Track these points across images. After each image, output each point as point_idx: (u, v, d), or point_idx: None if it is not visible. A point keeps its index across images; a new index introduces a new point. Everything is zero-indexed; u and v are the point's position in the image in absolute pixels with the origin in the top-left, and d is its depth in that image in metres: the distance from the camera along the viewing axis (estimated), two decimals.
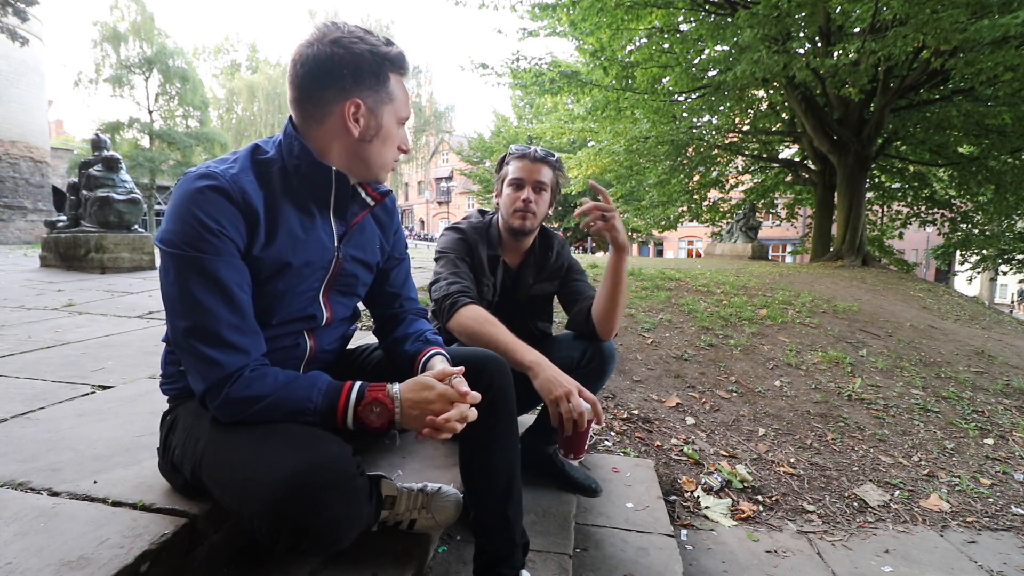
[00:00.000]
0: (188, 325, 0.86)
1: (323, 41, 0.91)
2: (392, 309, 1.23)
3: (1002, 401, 3.35)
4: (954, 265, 17.06)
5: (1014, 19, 5.70)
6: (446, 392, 0.93)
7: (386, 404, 0.91)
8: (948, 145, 11.07)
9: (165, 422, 1.05)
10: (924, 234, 24.15)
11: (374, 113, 0.96)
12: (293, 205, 0.97)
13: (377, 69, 0.94)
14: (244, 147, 0.99)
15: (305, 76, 0.92)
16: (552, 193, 1.61)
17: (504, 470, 1.10)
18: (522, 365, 1.28)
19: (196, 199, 0.86)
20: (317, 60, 0.91)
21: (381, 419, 0.91)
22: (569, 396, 1.21)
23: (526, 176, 1.55)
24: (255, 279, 0.94)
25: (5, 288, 4.29)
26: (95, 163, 6.13)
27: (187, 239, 0.85)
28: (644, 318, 3.90)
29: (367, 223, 1.12)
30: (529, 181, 1.55)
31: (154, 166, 21.30)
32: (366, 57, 0.92)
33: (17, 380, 1.81)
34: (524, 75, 10.43)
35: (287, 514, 0.77)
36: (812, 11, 7.17)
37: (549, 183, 1.58)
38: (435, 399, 0.92)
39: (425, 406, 0.91)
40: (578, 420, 1.20)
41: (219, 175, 0.89)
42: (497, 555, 1.09)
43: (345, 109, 0.93)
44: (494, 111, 32.20)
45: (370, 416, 0.90)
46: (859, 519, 2.09)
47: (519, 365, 1.27)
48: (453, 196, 43.61)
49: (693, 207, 14.55)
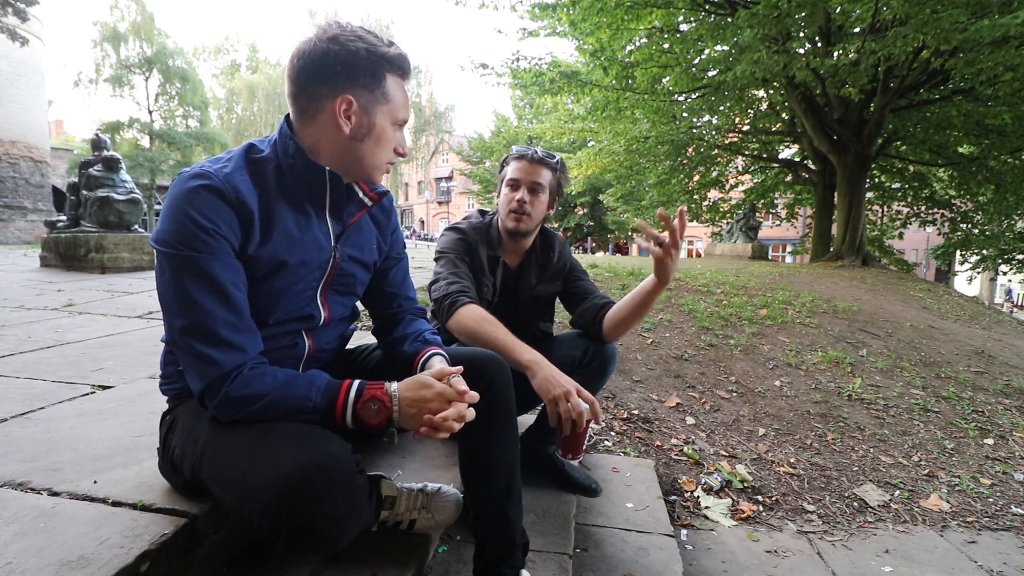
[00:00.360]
0: (185, 324, 0.86)
1: (322, 38, 0.91)
2: (391, 309, 1.23)
3: (1002, 401, 3.35)
4: (954, 265, 17.06)
5: (1014, 19, 5.70)
6: (444, 391, 0.93)
7: (384, 402, 0.91)
8: (948, 145, 11.07)
9: (165, 422, 1.05)
10: (924, 234, 24.15)
11: (367, 112, 0.95)
12: (288, 204, 0.98)
13: (373, 68, 0.94)
14: (239, 146, 0.99)
15: (301, 71, 0.93)
16: (551, 195, 1.60)
17: (504, 470, 1.09)
18: (520, 364, 1.28)
19: (190, 198, 0.87)
20: (313, 55, 0.91)
21: (379, 417, 0.91)
22: (568, 396, 1.21)
23: (522, 177, 1.55)
24: (251, 278, 0.94)
25: (5, 288, 4.29)
26: (95, 163, 6.14)
27: (181, 238, 0.85)
28: (644, 318, 3.90)
29: (364, 223, 1.12)
30: (525, 182, 1.55)
31: (154, 166, 21.28)
32: (362, 55, 0.92)
33: (17, 380, 1.81)
34: (524, 75, 10.44)
35: (287, 512, 0.77)
36: (812, 11, 7.17)
37: (547, 185, 1.57)
38: (433, 398, 0.92)
39: (423, 405, 0.91)
40: (577, 420, 1.20)
41: (212, 174, 0.89)
42: (497, 555, 1.09)
43: (336, 106, 0.93)
44: (494, 111, 32.27)
45: (368, 414, 0.91)
46: (859, 519, 2.09)
47: (517, 364, 1.27)
48: (453, 196, 43.61)
49: (693, 207, 14.56)
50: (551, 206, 1.63)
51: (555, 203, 1.64)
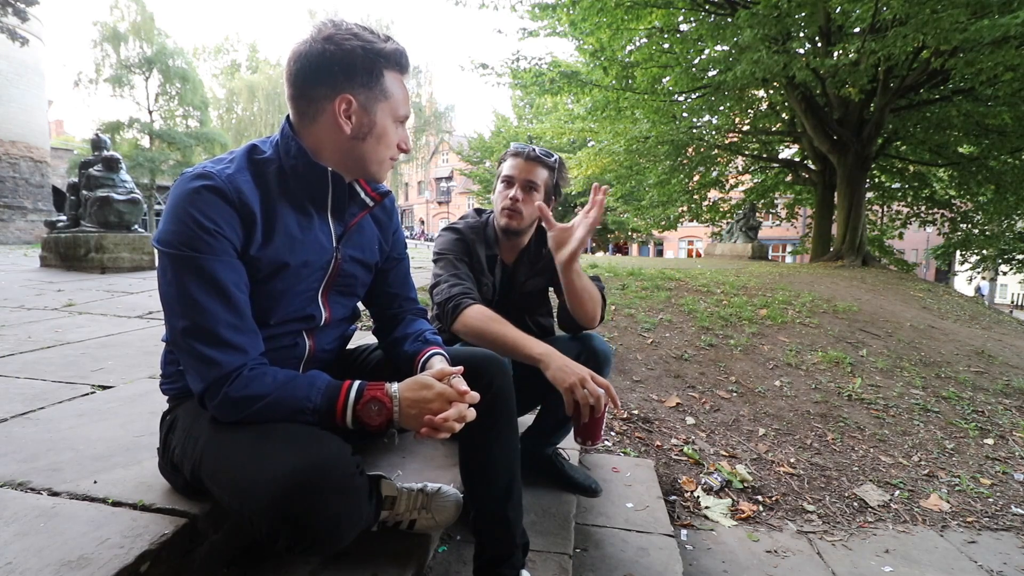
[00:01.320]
0: (186, 325, 0.86)
1: (317, 38, 0.91)
2: (392, 309, 1.22)
3: (1002, 401, 3.35)
4: (954, 265, 17.08)
5: (1014, 19, 5.70)
6: (444, 391, 0.93)
7: (385, 403, 0.91)
8: (948, 145, 11.07)
9: (165, 422, 1.05)
10: (924, 234, 24.13)
11: (367, 110, 0.95)
12: (290, 205, 0.97)
13: (370, 66, 0.93)
14: (241, 147, 0.99)
15: (298, 73, 0.92)
16: (547, 194, 1.58)
17: (504, 471, 1.09)
18: (532, 359, 1.27)
19: (192, 199, 0.86)
20: (309, 57, 0.91)
21: (380, 418, 0.91)
22: (583, 382, 1.20)
23: (517, 174, 1.54)
24: (253, 279, 0.93)
25: (5, 288, 4.29)
26: (95, 163, 6.14)
27: (183, 239, 0.85)
28: (644, 318, 3.90)
29: (366, 223, 1.12)
30: (519, 180, 1.54)
31: (154, 166, 21.28)
32: (358, 54, 0.92)
33: (17, 380, 1.81)
34: (524, 75, 10.44)
35: (287, 513, 0.77)
36: (812, 11, 7.18)
37: (542, 184, 1.55)
38: (433, 398, 0.92)
39: (423, 405, 0.91)
40: (595, 405, 1.20)
41: (215, 175, 0.88)
42: (497, 555, 1.09)
43: (336, 106, 0.93)
44: (494, 111, 32.22)
45: (369, 415, 0.90)
46: (859, 519, 2.09)
47: (529, 359, 1.28)
48: (453, 196, 43.60)
49: (693, 207, 14.56)
50: (547, 206, 1.61)
51: (551, 203, 1.61)
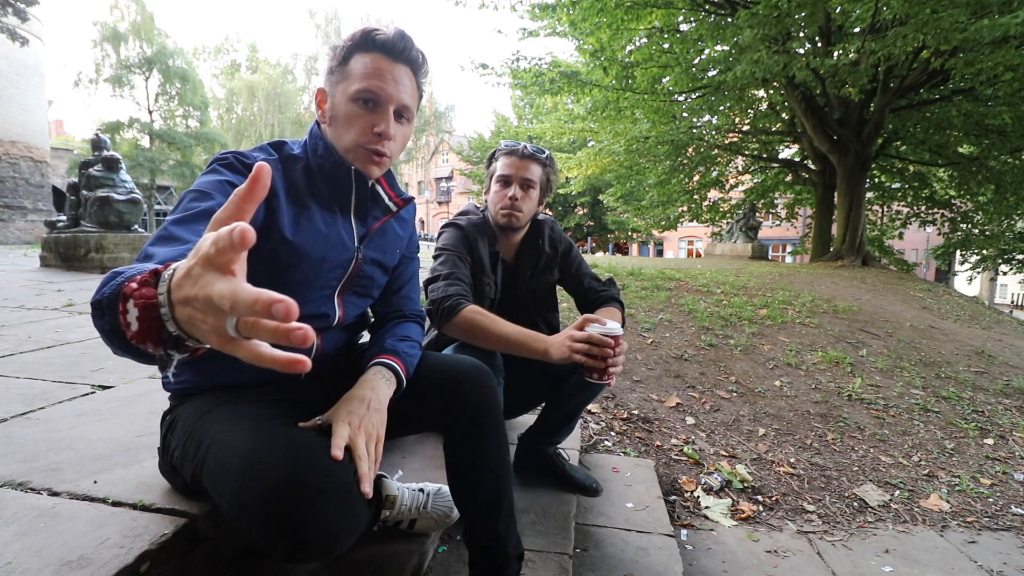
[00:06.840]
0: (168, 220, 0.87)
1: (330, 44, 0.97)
2: (388, 308, 1.22)
3: (1002, 401, 3.35)
4: (954, 265, 17.07)
5: (1014, 19, 5.71)
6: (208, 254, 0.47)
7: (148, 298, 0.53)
8: (948, 145, 11.07)
9: (165, 422, 1.04)
10: (924, 234, 24.14)
11: (330, 95, 0.99)
12: (316, 201, 1.00)
13: (344, 55, 0.97)
14: (267, 141, 1.03)
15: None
16: (542, 190, 1.59)
17: (490, 487, 1.05)
18: (536, 353, 1.28)
19: (214, 168, 0.92)
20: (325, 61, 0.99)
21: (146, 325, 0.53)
22: (573, 339, 1.22)
23: (513, 173, 1.54)
24: (275, 268, 0.94)
25: (5, 288, 4.29)
26: (95, 163, 6.14)
27: (201, 184, 0.89)
28: (644, 318, 3.90)
29: (389, 228, 1.12)
30: (516, 178, 1.54)
31: (154, 166, 21.26)
32: (339, 48, 0.97)
33: (17, 380, 1.81)
34: (524, 75, 10.44)
35: (282, 524, 0.75)
36: (812, 11, 7.17)
37: (537, 180, 1.56)
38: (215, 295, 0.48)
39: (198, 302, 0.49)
40: (601, 343, 1.20)
41: (236, 153, 0.94)
42: (490, 568, 1.07)
43: (317, 98, 1.00)
44: (494, 111, 32.23)
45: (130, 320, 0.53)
46: (859, 519, 2.09)
47: (534, 355, 1.28)
48: (453, 196, 43.59)
49: (693, 207, 14.56)
50: (542, 201, 1.62)
51: (545, 198, 1.63)
